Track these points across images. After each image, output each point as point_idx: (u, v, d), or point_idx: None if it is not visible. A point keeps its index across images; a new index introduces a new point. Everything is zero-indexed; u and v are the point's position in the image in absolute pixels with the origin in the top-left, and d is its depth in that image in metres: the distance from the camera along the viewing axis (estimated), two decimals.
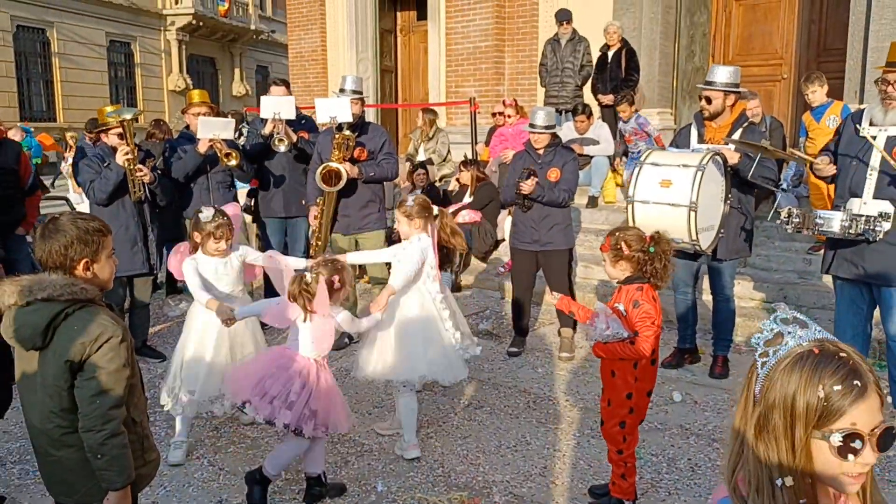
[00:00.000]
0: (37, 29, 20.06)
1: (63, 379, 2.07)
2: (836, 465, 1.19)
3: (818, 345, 1.25)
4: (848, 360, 1.21)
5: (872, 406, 1.19)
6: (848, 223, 3.84)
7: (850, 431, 1.17)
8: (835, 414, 1.18)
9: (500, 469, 3.71)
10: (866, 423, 1.18)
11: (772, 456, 1.23)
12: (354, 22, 11.74)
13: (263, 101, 5.75)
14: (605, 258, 3.25)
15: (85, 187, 5.08)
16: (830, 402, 1.18)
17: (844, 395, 1.18)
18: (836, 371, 1.20)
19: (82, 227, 2.15)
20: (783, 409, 1.21)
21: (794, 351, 1.25)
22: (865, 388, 1.19)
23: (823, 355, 1.22)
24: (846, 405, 1.18)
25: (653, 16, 8.95)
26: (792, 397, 1.21)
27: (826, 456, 1.20)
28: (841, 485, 1.22)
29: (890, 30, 6.94)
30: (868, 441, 1.18)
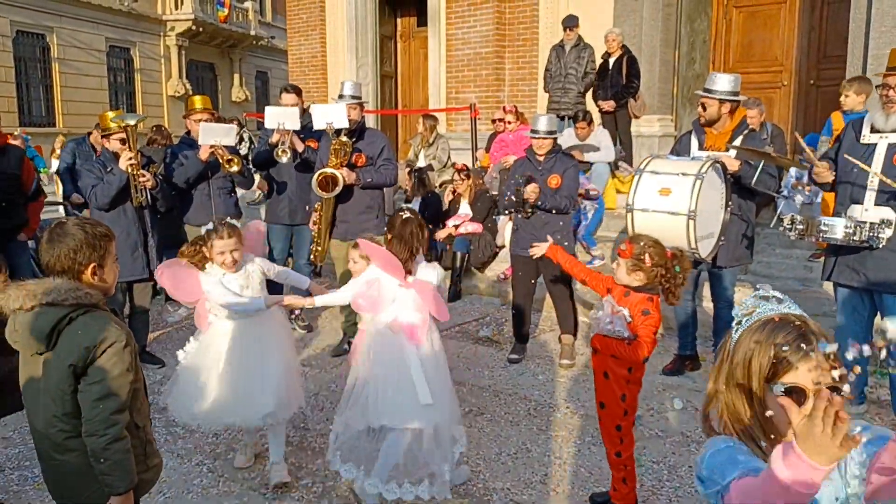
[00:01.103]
0: (36, 34, 20.07)
1: (67, 383, 2.07)
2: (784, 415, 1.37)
3: (780, 314, 1.46)
4: (801, 327, 1.40)
5: (818, 367, 1.36)
6: (852, 230, 3.84)
7: (792, 385, 1.36)
8: (784, 369, 1.37)
9: (501, 476, 3.70)
10: (810, 380, 1.35)
11: (738, 404, 1.44)
12: (354, 28, 11.76)
13: (267, 111, 5.75)
14: (618, 263, 3.21)
15: (86, 192, 5.08)
16: (779, 359, 1.38)
17: (791, 354, 1.37)
18: (787, 334, 1.39)
19: (90, 232, 2.16)
20: (744, 365, 1.43)
21: (760, 319, 1.47)
22: (812, 349, 1.36)
23: (781, 322, 1.43)
24: (793, 361, 1.37)
25: (653, 22, 8.97)
26: (750, 355, 1.42)
27: (775, 405, 1.38)
28: (787, 433, 1.38)
29: (889, 37, 6.96)
30: (811, 395, 1.33)
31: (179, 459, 3.93)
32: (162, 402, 3.85)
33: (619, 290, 3.21)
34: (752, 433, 1.43)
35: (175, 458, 3.93)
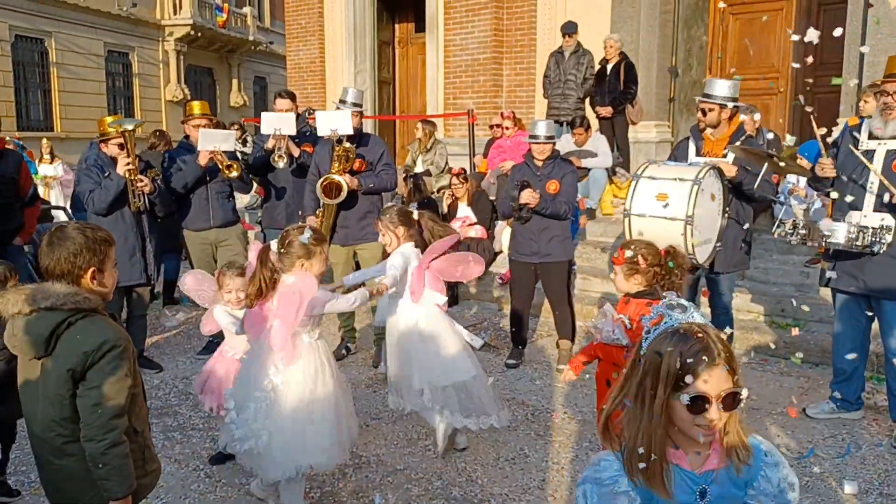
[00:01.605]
0: (35, 39, 20.07)
1: (65, 388, 2.07)
2: (688, 419, 1.50)
3: (685, 326, 1.55)
4: (704, 339, 1.51)
5: (719, 376, 1.48)
6: (855, 235, 3.85)
7: (697, 394, 1.47)
8: (687, 379, 1.48)
9: (499, 482, 3.69)
10: (713, 388, 1.48)
11: (641, 411, 1.54)
12: (353, 33, 11.79)
13: (264, 116, 5.77)
14: (616, 271, 3.20)
15: (84, 197, 5.08)
16: (685, 368, 1.48)
17: (696, 364, 1.47)
18: (691, 345, 1.49)
19: (90, 236, 2.16)
20: (653, 374, 1.52)
21: (667, 330, 1.56)
22: (714, 361, 1.48)
23: (686, 334, 1.52)
24: (697, 372, 1.47)
25: (650, 29, 9.01)
26: (658, 365, 1.51)
27: (682, 413, 1.50)
28: (694, 436, 1.53)
29: (885, 45, 6.99)
30: (714, 401, 1.48)
31: (177, 464, 3.92)
32: None
33: (619, 307, 3.21)
34: (643, 444, 1.53)
35: (173, 463, 3.93)
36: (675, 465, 1.56)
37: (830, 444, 4.08)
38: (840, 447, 4.03)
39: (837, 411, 4.36)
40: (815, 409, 4.43)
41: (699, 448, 1.57)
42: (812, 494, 3.54)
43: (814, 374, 5.20)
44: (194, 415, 4.57)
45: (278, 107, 5.92)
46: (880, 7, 7.12)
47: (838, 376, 4.35)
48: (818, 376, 5.11)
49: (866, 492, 3.55)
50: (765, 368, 5.34)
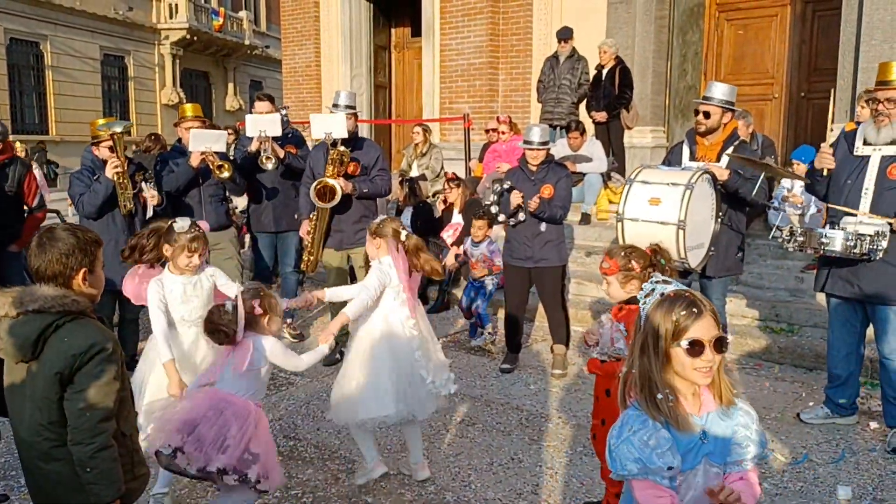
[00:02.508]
0: (30, 42, 20.05)
1: (52, 391, 2.05)
2: (689, 364, 1.81)
3: (673, 291, 1.89)
4: (690, 297, 1.85)
5: (708, 324, 1.81)
6: (852, 242, 3.85)
7: (692, 339, 1.79)
8: (683, 330, 1.80)
9: (492, 487, 3.68)
10: (704, 334, 1.80)
11: (649, 364, 1.84)
12: (349, 37, 11.80)
13: (248, 119, 5.78)
14: (608, 281, 3.16)
15: (74, 200, 5.07)
16: (679, 323, 1.80)
17: (687, 317, 1.80)
18: (681, 304, 1.83)
19: (81, 238, 2.15)
20: (653, 333, 1.84)
21: (659, 297, 1.88)
22: (701, 312, 1.81)
23: (675, 296, 1.86)
24: (689, 323, 1.80)
25: (645, 34, 9.03)
26: (658, 323, 1.84)
27: (682, 358, 1.81)
28: (695, 377, 1.83)
29: (879, 51, 7.02)
30: (707, 345, 1.80)
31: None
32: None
33: (612, 309, 3.19)
34: (657, 387, 1.83)
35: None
36: None
37: (825, 449, 4.08)
38: (834, 452, 4.02)
39: (832, 416, 4.36)
40: (809, 415, 4.42)
41: (693, 395, 1.88)
42: (806, 499, 3.53)
43: (808, 379, 5.20)
44: None
45: (258, 109, 5.94)
46: (873, 14, 7.15)
47: (833, 381, 4.35)
48: (812, 381, 5.11)
49: (860, 497, 3.55)
50: (759, 373, 5.33)
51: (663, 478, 1.82)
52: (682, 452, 1.84)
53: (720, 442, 1.89)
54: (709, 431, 1.88)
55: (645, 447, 1.82)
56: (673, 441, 1.82)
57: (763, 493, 3.58)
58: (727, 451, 1.91)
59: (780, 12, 8.86)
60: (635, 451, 1.83)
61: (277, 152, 5.72)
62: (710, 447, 1.87)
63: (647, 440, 1.83)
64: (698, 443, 1.86)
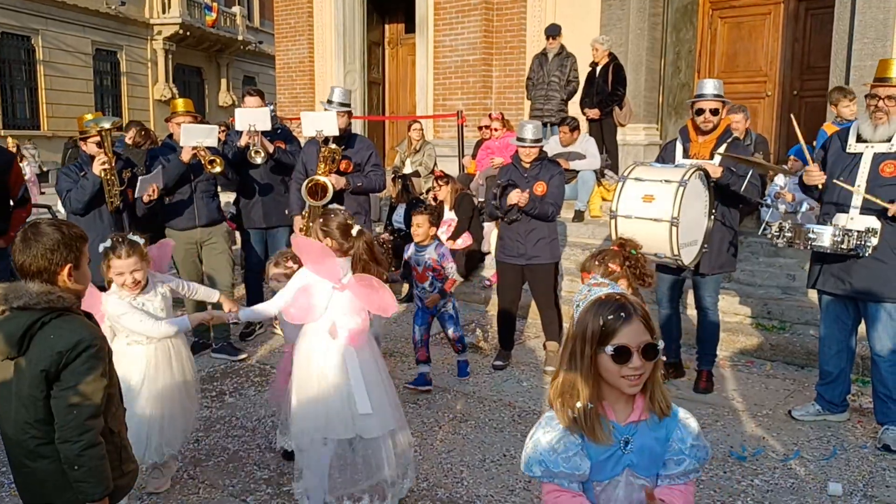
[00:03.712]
0: (21, 36, 19.92)
1: (39, 389, 2.03)
2: (615, 371, 1.71)
3: (605, 294, 1.78)
4: (621, 300, 1.74)
5: (637, 329, 1.71)
6: (840, 238, 3.86)
7: (618, 345, 1.69)
8: (610, 334, 1.70)
9: (485, 483, 3.68)
10: (632, 340, 1.70)
11: (575, 370, 1.75)
12: (342, 33, 11.76)
13: (238, 113, 5.76)
14: None
15: (61, 196, 5.03)
16: (607, 326, 1.71)
17: (614, 321, 1.70)
18: (610, 307, 1.73)
19: (66, 233, 2.13)
20: (580, 336, 1.75)
21: (592, 300, 1.79)
22: (630, 317, 1.71)
23: (606, 299, 1.76)
24: (617, 327, 1.70)
25: (639, 32, 9.03)
26: (584, 326, 1.74)
27: (608, 364, 1.71)
28: (621, 386, 1.73)
29: (871, 49, 7.04)
30: (635, 352, 1.69)
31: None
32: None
33: None
34: (577, 395, 1.75)
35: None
36: (603, 416, 1.77)
37: (816, 445, 4.09)
38: (825, 449, 4.04)
39: (823, 413, 4.37)
40: (800, 412, 4.44)
41: (625, 403, 1.79)
42: (797, 496, 3.54)
43: (799, 376, 5.21)
44: None
45: (247, 104, 5.92)
46: (866, 13, 7.16)
47: (824, 378, 4.36)
48: (804, 378, 5.13)
49: (851, 493, 3.56)
50: (750, 370, 5.35)
51: (571, 482, 1.76)
52: (600, 460, 1.76)
53: (646, 453, 1.79)
54: (633, 441, 1.78)
55: (552, 451, 1.77)
56: (583, 447, 1.76)
57: (755, 490, 3.59)
58: (655, 464, 1.81)
59: (774, 10, 8.87)
60: (541, 454, 1.79)
61: (266, 147, 5.70)
62: (634, 458, 1.78)
63: (555, 444, 1.78)
64: (618, 452, 1.77)
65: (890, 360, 4.01)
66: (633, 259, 3.18)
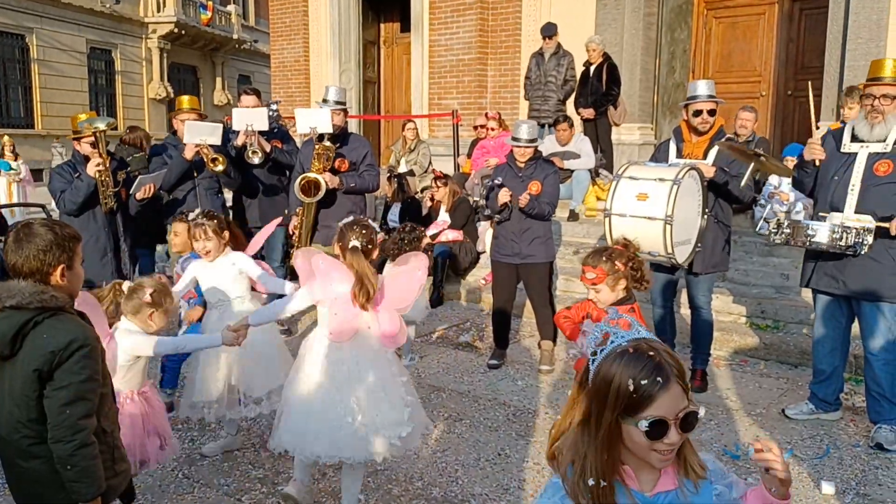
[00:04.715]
0: (15, 34, 19.83)
1: (32, 389, 2.03)
2: (647, 445, 1.41)
3: (634, 344, 1.43)
4: (655, 357, 1.41)
5: (675, 395, 1.40)
6: (839, 234, 3.86)
7: (656, 418, 1.38)
8: (642, 403, 1.38)
9: (479, 482, 3.68)
10: (670, 410, 1.39)
11: (588, 438, 1.44)
12: (338, 32, 11.75)
13: (235, 112, 5.74)
14: (598, 289, 3.13)
15: (55, 196, 5.02)
16: (639, 392, 1.38)
17: (650, 387, 1.38)
18: (642, 367, 1.39)
19: (59, 233, 2.12)
20: (600, 398, 1.42)
21: (615, 349, 1.44)
22: (668, 381, 1.39)
23: (636, 353, 1.41)
24: (652, 394, 1.38)
25: (634, 31, 9.04)
26: (608, 387, 1.41)
27: (638, 438, 1.40)
28: (651, 460, 1.44)
29: (865, 49, 7.06)
30: (672, 424, 1.39)
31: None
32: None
33: (598, 313, 3.18)
34: (590, 471, 1.43)
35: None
36: (624, 486, 1.46)
37: (809, 444, 4.10)
38: (819, 448, 4.05)
39: (816, 412, 4.39)
40: (794, 410, 4.45)
41: (652, 468, 1.47)
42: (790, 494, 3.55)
43: (793, 375, 5.23)
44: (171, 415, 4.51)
45: (244, 103, 5.90)
46: (860, 13, 7.19)
47: (818, 377, 4.38)
48: (797, 377, 5.14)
49: (844, 492, 3.57)
50: (744, 369, 5.36)
51: None
52: None
53: None
54: None
55: None
56: None
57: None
58: None
59: (768, 10, 8.90)
60: None
61: (264, 146, 5.70)
62: None
63: None
64: None
65: (883, 359, 4.03)
66: (636, 261, 3.17)
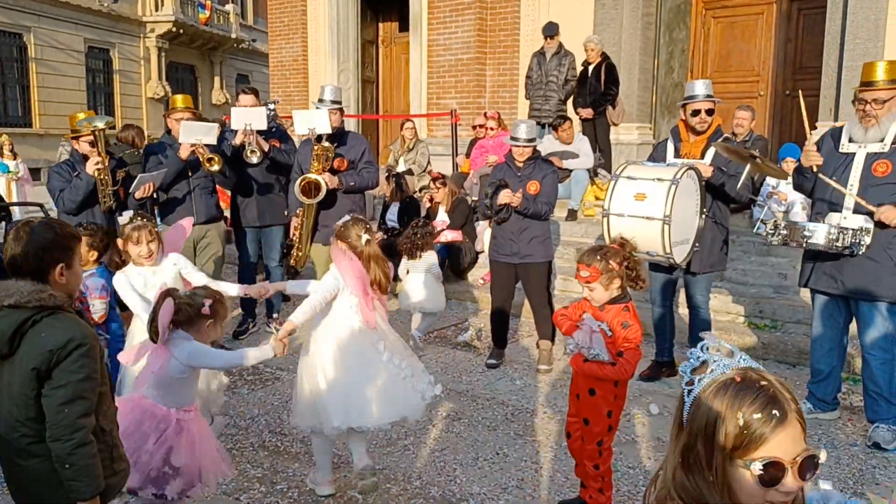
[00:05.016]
0: (13, 34, 19.79)
1: (30, 387, 2.03)
2: (759, 494, 1.20)
3: (740, 373, 1.24)
4: (769, 388, 1.21)
5: (794, 434, 1.20)
6: (835, 236, 3.87)
7: (770, 460, 1.18)
8: (756, 442, 1.18)
9: (478, 481, 3.68)
10: (787, 452, 1.19)
11: (695, 484, 1.23)
12: (336, 32, 11.74)
13: (234, 112, 5.73)
14: (592, 287, 3.13)
15: (54, 195, 5.01)
16: (751, 430, 1.18)
17: (764, 423, 1.18)
18: (755, 399, 1.19)
19: (59, 232, 2.13)
20: (705, 437, 1.22)
21: (717, 379, 1.25)
22: (785, 417, 1.20)
23: (745, 383, 1.22)
24: (766, 433, 1.18)
25: (632, 31, 9.05)
26: (714, 425, 1.21)
27: (749, 484, 1.19)
28: None
29: (863, 49, 7.07)
30: (790, 469, 1.18)
31: None
32: None
33: (593, 311, 3.18)
34: None
35: None
36: None
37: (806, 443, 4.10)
38: (816, 447, 4.05)
39: (814, 411, 4.39)
40: None
41: None
42: None
43: (791, 374, 5.24)
44: None
45: (242, 102, 5.89)
46: (858, 13, 7.20)
47: (815, 376, 4.39)
48: (795, 377, 5.15)
49: (840, 491, 3.58)
50: None
51: None
52: None
53: None
54: None
55: None
56: None
57: None
58: None
59: (766, 10, 8.91)
60: None
61: (262, 146, 5.69)
62: None
63: None
64: None
65: (881, 359, 4.03)
66: (632, 260, 3.17)
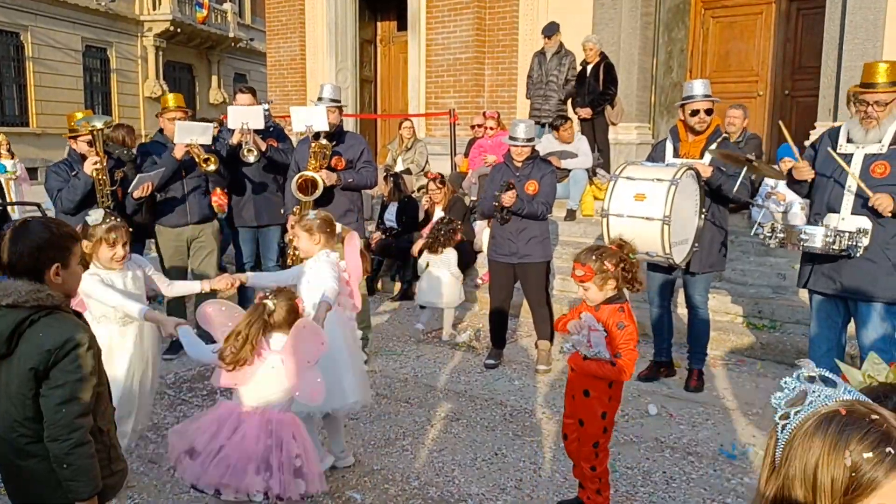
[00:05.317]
0: (10, 32, 19.75)
1: (28, 387, 2.02)
2: None
3: (846, 405, 1.06)
4: (881, 423, 1.02)
5: None
6: (832, 239, 3.86)
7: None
8: (866, 487, 1.00)
9: (476, 482, 3.68)
10: None
11: None
12: (334, 31, 11.73)
13: (231, 111, 5.72)
14: (586, 287, 3.13)
15: (52, 195, 4.99)
16: (860, 473, 1.00)
17: (876, 465, 0.99)
18: (865, 436, 1.01)
19: (55, 232, 2.11)
20: (804, 481, 1.05)
21: (818, 412, 1.08)
22: None
23: (851, 417, 1.04)
24: (879, 476, 0.99)
25: (631, 31, 9.05)
26: (814, 467, 1.04)
27: None
28: None
29: (862, 50, 7.08)
30: None
31: (150, 464, 3.86)
32: None
33: (588, 310, 3.17)
34: None
35: (146, 463, 3.87)
36: None
37: None
38: None
39: None
40: None
41: None
42: None
43: (790, 375, 5.23)
44: (168, 414, 4.51)
45: (239, 102, 5.88)
46: (857, 13, 7.20)
47: None
48: None
49: None
50: (741, 369, 5.37)
51: None
52: None
53: None
54: None
55: None
56: None
57: (745, 487, 3.60)
58: None
59: (765, 10, 8.91)
60: None
61: (259, 145, 5.67)
62: None
63: None
64: None
65: None
66: (629, 262, 3.17)
